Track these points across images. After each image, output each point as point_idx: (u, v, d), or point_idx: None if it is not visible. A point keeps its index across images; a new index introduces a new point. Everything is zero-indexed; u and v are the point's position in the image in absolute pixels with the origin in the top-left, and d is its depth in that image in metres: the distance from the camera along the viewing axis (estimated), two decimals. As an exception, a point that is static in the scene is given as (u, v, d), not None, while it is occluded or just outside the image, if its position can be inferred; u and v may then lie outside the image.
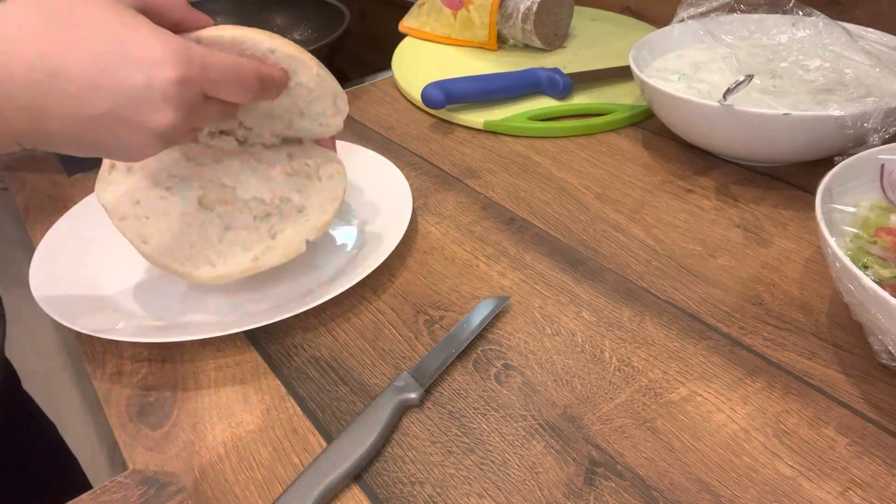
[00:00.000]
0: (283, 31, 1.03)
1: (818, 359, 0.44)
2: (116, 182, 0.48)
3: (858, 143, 0.52)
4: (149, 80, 0.35)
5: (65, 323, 0.47)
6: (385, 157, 0.64)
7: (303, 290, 0.52)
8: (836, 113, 0.52)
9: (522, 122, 0.71)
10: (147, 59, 0.35)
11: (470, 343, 0.47)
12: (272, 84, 0.43)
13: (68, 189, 0.68)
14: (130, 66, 0.35)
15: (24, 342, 1.43)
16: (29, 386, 0.75)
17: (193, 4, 0.43)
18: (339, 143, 0.66)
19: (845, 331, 0.46)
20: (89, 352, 0.49)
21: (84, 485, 0.78)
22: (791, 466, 0.38)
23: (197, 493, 0.39)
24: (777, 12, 0.69)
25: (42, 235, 0.57)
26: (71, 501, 0.39)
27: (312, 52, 0.84)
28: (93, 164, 0.72)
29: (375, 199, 0.60)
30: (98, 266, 0.55)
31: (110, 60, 0.35)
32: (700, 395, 0.43)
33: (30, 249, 0.59)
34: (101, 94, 0.35)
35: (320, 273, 0.53)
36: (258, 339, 0.49)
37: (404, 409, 0.42)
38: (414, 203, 0.61)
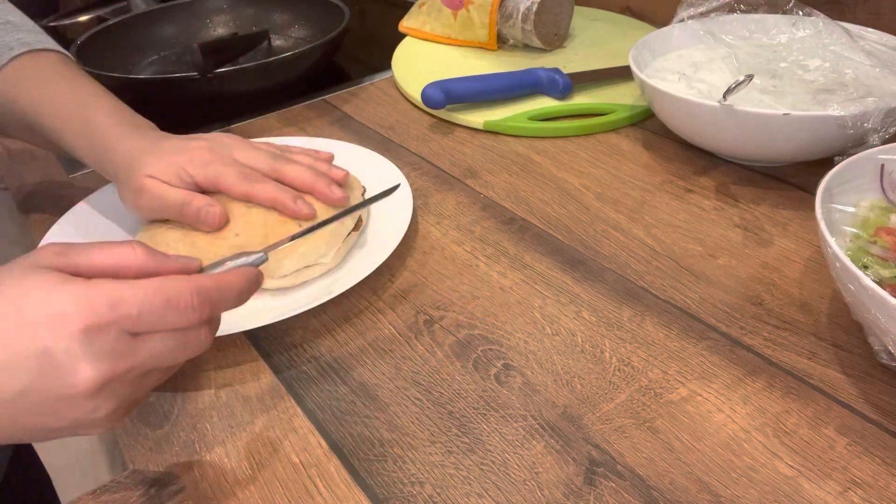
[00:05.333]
0: (282, 29, 1.04)
1: (818, 359, 0.44)
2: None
3: (858, 143, 0.52)
4: (53, 341, 0.31)
5: None
6: (385, 157, 0.64)
7: (303, 290, 0.52)
8: (836, 113, 0.52)
9: (522, 122, 0.71)
10: (45, 320, 0.31)
11: (470, 343, 0.47)
12: (224, 295, 0.36)
13: (68, 189, 0.68)
14: (29, 333, 0.31)
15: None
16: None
17: (192, 1, 0.44)
18: (340, 143, 0.66)
19: (845, 331, 0.46)
20: (89, 352, 0.49)
21: None
22: (791, 466, 0.38)
23: (197, 493, 0.39)
24: (777, 12, 0.69)
25: (42, 235, 0.57)
26: (71, 501, 0.39)
27: (311, 50, 0.85)
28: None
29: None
30: None
31: (10, 333, 0.31)
32: (700, 395, 0.43)
33: (30, 250, 0.59)
34: (12, 372, 0.31)
35: (321, 273, 0.53)
36: (258, 339, 0.49)
37: None
38: (414, 203, 0.61)
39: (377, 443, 0.41)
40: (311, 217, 0.51)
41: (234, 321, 0.48)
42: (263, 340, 0.49)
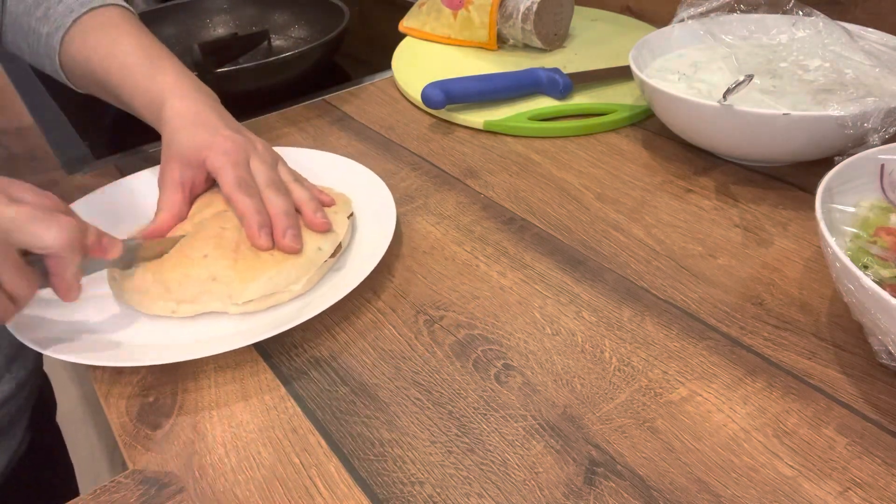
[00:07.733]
0: (282, 29, 1.04)
1: (818, 359, 0.44)
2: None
3: (858, 143, 0.52)
4: None
5: (49, 353, 0.46)
6: (384, 157, 0.63)
7: (301, 298, 0.51)
8: (836, 113, 0.52)
9: (522, 122, 0.71)
10: None
11: (470, 343, 0.47)
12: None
13: (68, 189, 0.68)
14: None
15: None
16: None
17: (192, 1, 0.44)
18: (309, 151, 0.64)
19: (845, 331, 0.46)
20: (89, 352, 0.49)
21: None
22: (791, 466, 0.38)
23: (197, 493, 0.39)
24: (777, 12, 0.69)
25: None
26: (71, 501, 0.39)
27: (311, 50, 0.84)
28: (93, 163, 0.72)
29: (357, 206, 0.58)
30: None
31: None
32: (700, 395, 0.43)
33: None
34: None
35: (289, 299, 0.52)
36: (258, 339, 0.49)
37: None
38: (414, 203, 0.62)
39: (377, 443, 0.41)
40: (262, 247, 0.50)
41: (238, 335, 0.47)
42: (263, 340, 0.49)
